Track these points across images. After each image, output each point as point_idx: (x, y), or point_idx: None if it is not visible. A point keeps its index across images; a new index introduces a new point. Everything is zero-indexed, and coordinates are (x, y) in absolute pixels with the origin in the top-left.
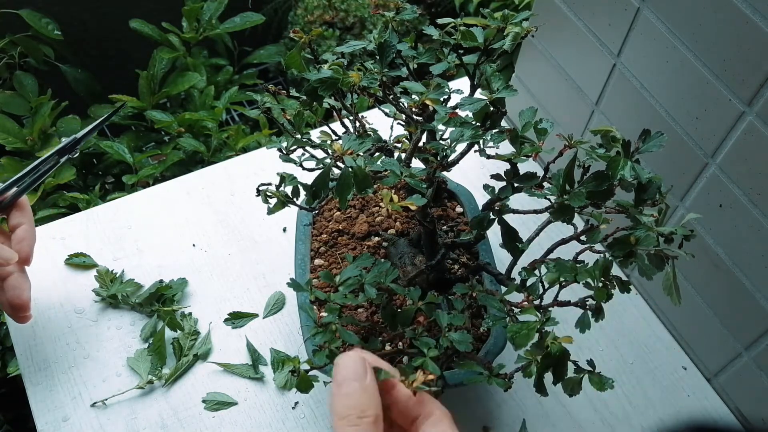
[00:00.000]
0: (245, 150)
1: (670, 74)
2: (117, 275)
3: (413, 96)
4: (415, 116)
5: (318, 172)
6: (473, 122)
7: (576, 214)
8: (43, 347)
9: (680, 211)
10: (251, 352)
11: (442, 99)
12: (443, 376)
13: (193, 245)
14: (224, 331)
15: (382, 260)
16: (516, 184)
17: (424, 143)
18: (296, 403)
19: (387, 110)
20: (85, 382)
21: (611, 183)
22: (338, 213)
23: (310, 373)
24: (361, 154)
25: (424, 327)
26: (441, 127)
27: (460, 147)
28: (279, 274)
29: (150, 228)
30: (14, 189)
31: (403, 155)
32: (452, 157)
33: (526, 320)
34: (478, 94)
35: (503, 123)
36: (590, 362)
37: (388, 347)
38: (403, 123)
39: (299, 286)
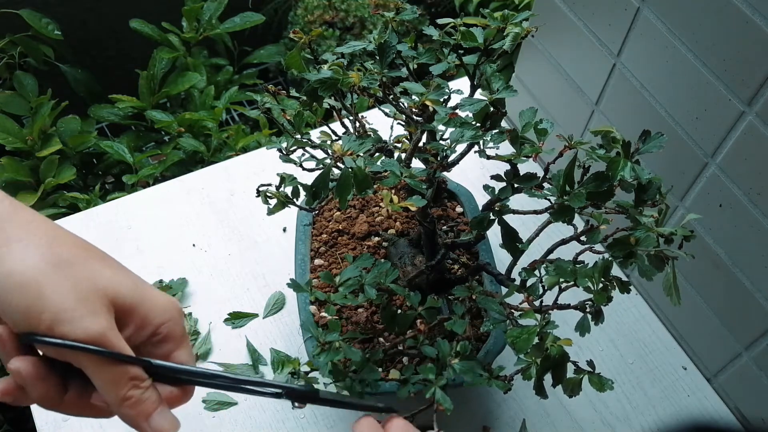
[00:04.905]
0: (245, 150)
1: (670, 74)
2: None
3: (413, 96)
4: (415, 116)
5: (318, 172)
6: (473, 123)
7: (576, 215)
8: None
9: (680, 211)
10: (251, 352)
11: (442, 99)
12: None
13: (193, 245)
14: (224, 331)
15: (382, 260)
16: (516, 185)
17: (424, 143)
18: None
19: (387, 110)
20: None
21: (611, 184)
22: (338, 213)
23: (311, 374)
24: (361, 154)
25: (424, 335)
26: (441, 127)
27: (460, 147)
28: (279, 274)
29: (150, 228)
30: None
31: (403, 155)
32: (452, 157)
33: (526, 324)
34: (478, 94)
35: (503, 123)
36: (590, 363)
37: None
38: (403, 123)
39: (299, 286)
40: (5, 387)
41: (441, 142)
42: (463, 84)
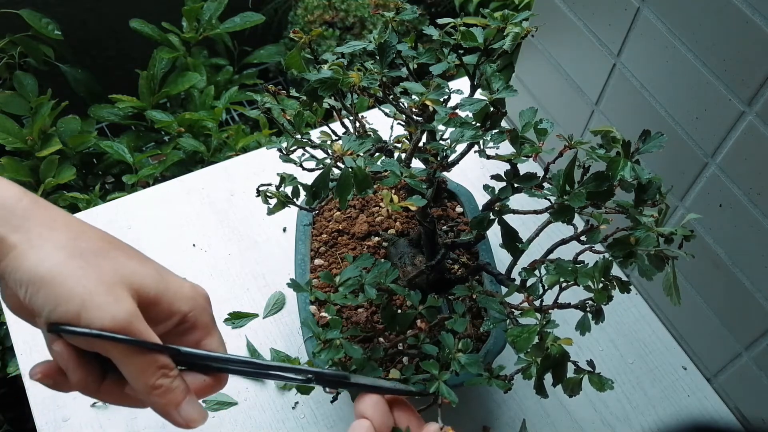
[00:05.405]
0: (245, 150)
1: (670, 74)
2: None
3: (413, 96)
4: (415, 116)
5: (318, 172)
6: (473, 122)
7: (576, 215)
8: (43, 347)
9: (680, 211)
10: (251, 352)
11: (442, 99)
12: None
13: (193, 245)
14: (224, 331)
15: (382, 260)
16: (516, 185)
17: (424, 143)
18: (296, 403)
19: (387, 110)
20: None
21: (611, 183)
22: (338, 213)
23: None
24: (361, 154)
25: (425, 333)
26: (441, 127)
27: (460, 147)
28: (279, 274)
29: (150, 228)
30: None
31: (403, 155)
32: (452, 157)
33: (527, 323)
34: (478, 94)
35: (503, 123)
36: (590, 362)
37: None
38: (403, 123)
39: (299, 286)
40: (46, 369)
41: (441, 142)
42: (463, 84)
